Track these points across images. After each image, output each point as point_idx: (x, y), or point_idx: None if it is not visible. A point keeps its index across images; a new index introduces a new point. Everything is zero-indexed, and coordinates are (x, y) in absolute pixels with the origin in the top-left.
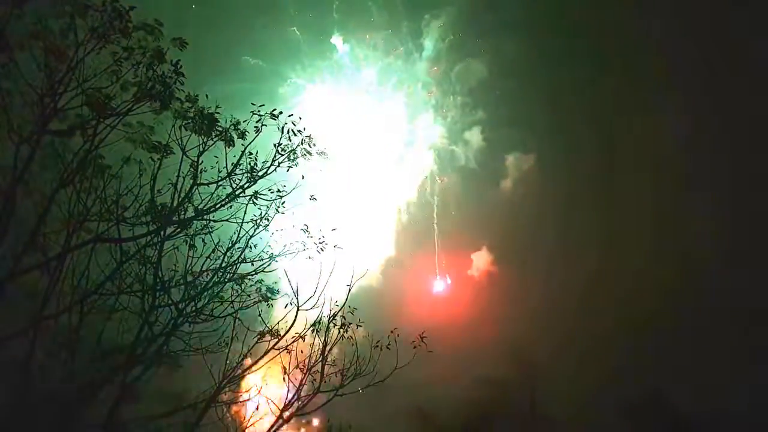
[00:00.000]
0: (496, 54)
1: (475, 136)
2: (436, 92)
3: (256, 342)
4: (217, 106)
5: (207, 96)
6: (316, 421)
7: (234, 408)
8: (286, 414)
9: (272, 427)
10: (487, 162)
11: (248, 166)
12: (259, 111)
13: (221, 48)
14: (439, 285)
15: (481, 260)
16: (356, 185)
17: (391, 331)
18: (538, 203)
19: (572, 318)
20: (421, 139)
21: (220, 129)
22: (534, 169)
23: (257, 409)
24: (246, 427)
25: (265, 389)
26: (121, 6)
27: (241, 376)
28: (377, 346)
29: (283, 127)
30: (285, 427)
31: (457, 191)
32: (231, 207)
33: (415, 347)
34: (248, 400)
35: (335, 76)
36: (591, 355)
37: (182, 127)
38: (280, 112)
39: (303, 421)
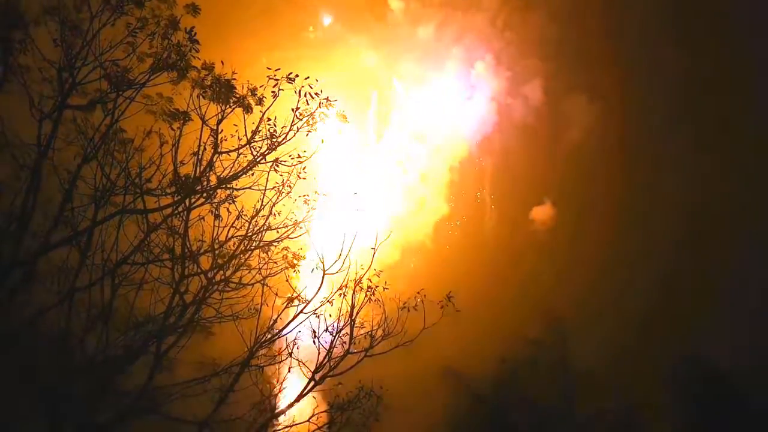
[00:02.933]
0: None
1: (535, 89)
2: (495, 45)
3: (285, 307)
4: (233, 73)
5: (222, 63)
6: None
7: (267, 371)
8: (318, 376)
9: (305, 388)
10: (548, 115)
11: (267, 132)
12: (275, 76)
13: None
14: (490, 244)
15: (538, 218)
16: (410, 145)
17: (417, 293)
18: (602, 158)
19: (617, 274)
20: (479, 94)
21: (238, 96)
22: (599, 123)
23: (289, 371)
24: (280, 390)
25: (296, 353)
26: None
27: (273, 341)
28: (404, 307)
29: (300, 91)
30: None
31: (516, 145)
32: (253, 174)
33: (442, 307)
34: (281, 362)
35: (390, 36)
36: (630, 313)
37: (200, 96)
38: (296, 75)
39: (336, 384)
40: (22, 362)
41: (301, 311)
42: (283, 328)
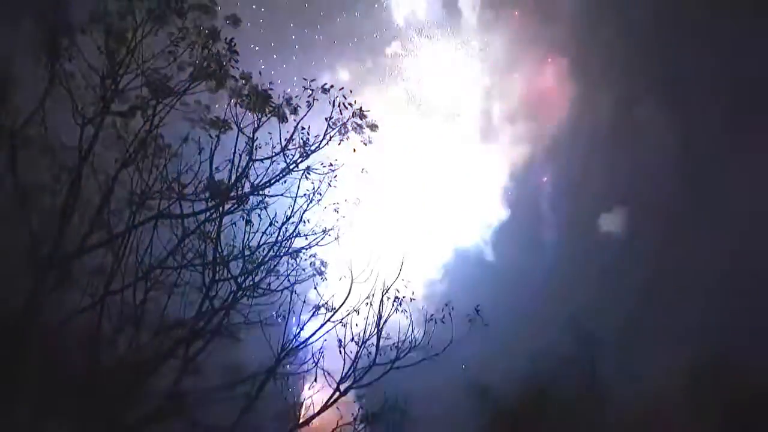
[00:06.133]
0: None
1: (608, 93)
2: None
3: (312, 315)
4: (269, 83)
5: (260, 73)
6: None
7: (292, 380)
8: (343, 386)
9: (329, 399)
10: (619, 120)
11: (301, 141)
12: (310, 86)
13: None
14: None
15: (600, 229)
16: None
17: (445, 305)
18: (676, 166)
19: (665, 293)
20: (548, 98)
21: (273, 105)
22: (672, 133)
23: (315, 381)
24: (304, 399)
25: (321, 362)
26: None
27: (299, 349)
28: (431, 319)
29: (334, 101)
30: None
31: (583, 152)
32: (285, 182)
33: (470, 320)
34: (306, 372)
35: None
36: (658, 324)
37: (237, 105)
38: (331, 86)
39: (361, 396)
40: (54, 361)
41: (329, 320)
42: (310, 336)
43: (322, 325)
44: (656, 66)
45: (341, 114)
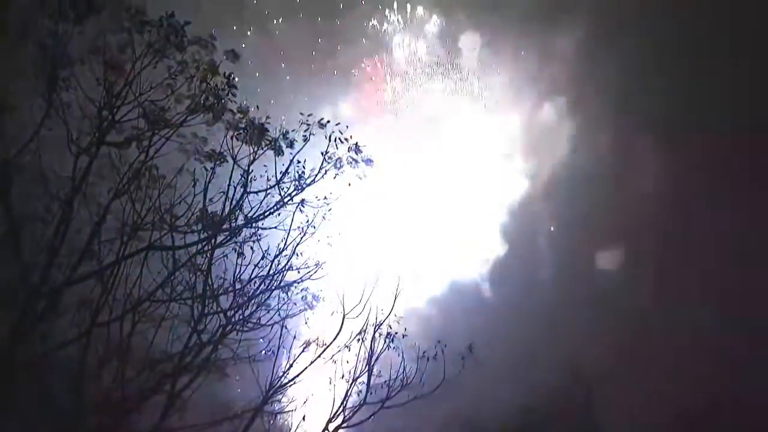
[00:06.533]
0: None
1: (603, 138)
2: (568, 89)
3: (302, 351)
4: (267, 117)
5: (257, 107)
6: None
7: (280, 419)
8: (332, 426)
9: None
10: (614, 166)
11: (296, 174)
12: (307, 120)
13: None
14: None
15: (597, 266)
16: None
17: (438, 342)
18: (668, 210)
19: (643, 321)
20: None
21: (270, 139)
22: (667, 175)
23: (303, 419)
24: None
25: (310, 400)
26: (177, 22)
27: (288, 386)
28: (424, 356)
29: (330, 136)
30: None
31: (581, 190)
32: (279, 215)
33: (463, 358)
34: (294, 410)
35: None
36: (651, 362)
37: (233, 138)
38: (328, 121)
39: None
40: (36, 395)
41: (319, 356)
42: (300, 373)
43: (312, 362)
44: (654, 103)
45: (337, 148)
